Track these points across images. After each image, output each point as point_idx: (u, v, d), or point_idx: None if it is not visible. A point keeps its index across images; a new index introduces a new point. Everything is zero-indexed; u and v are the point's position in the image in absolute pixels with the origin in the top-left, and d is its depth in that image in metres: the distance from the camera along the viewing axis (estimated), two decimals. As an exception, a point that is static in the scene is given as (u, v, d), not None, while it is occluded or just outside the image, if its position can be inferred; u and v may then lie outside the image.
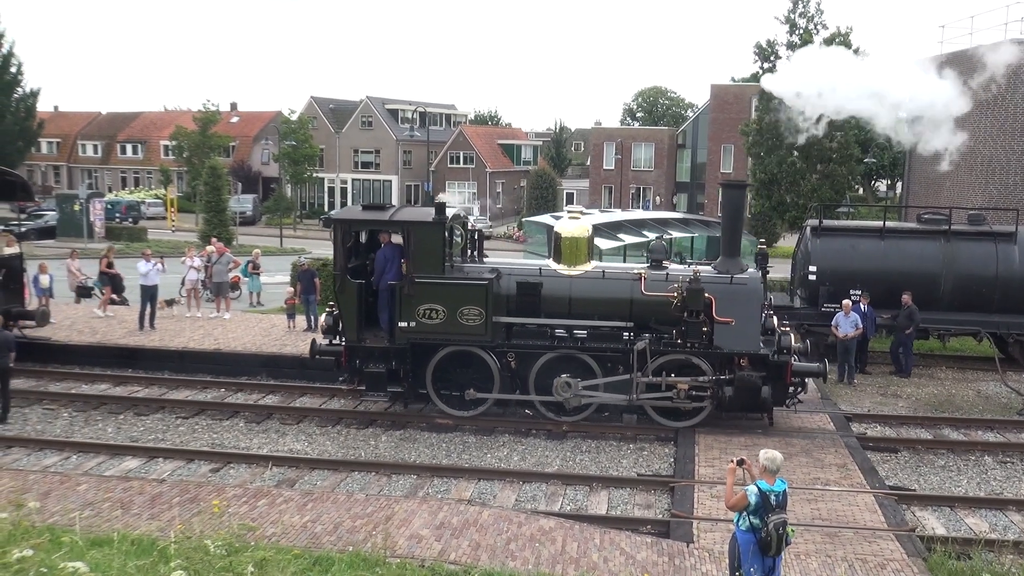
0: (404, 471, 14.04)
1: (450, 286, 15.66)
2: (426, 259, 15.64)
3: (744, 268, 16.37)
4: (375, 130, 79.28)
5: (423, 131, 71.20)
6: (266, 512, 11.25)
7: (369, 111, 79.59)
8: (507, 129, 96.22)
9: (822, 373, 16.14)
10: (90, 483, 12.28)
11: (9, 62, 68.01)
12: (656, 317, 15.92)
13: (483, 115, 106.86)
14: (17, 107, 68.66)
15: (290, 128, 71.25)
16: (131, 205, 66.75)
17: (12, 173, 21.05)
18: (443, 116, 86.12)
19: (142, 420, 16.52)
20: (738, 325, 15.55)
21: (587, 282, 16.20)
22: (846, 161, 41.43)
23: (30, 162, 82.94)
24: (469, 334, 15.70)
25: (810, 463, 14.10)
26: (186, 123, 72.34)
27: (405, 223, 15.95)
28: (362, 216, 17.02)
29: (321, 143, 76.20)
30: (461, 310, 15.57)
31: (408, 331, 15.75)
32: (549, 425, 16.11)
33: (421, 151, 75.41)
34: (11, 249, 21.13)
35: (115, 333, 21.62)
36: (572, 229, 16.56)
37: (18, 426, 16.03)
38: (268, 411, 16.95)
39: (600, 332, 15.97)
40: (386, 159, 79.26)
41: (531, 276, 16.25)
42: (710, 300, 15.54)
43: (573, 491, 13.41)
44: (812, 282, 21.01)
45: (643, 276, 16.06)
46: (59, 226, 53.27)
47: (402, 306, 15.70)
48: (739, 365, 15.49)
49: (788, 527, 8.36)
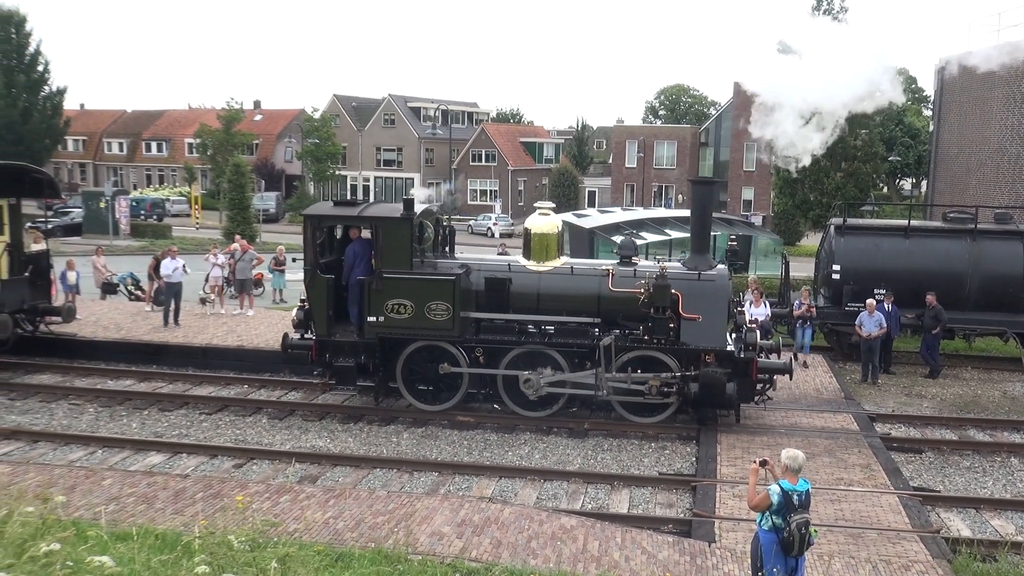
0: (426, 468, 14.07)
1: (418, 281, 15.77)
2: (394, 254, 15.76)
3: (713, 265, 16.42)
4: (397, 128, 79.50)
5: (445, 129, 71.39)
6: (289, 508, 11.31)
7: (392, 109, 79.81)
8: (529, 127, 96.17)
9: (788, 370, 16.21)
10: (115, 478, 12.39)
11: (36, 61, 68.79)
12: (624, 313, 16.02)
13: (505, 113, 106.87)
14: (44, 105, 69.42)
15: (313, 126, 71.62)
16: (156, 202, 67.26)
17: (39, 171, 21.25)
18: (465, 114, 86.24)
19: (166, 416, 16.66)
20: (705, 321, 15.62)
21: (555, 278, 16.33)
22: (870, 159, 41.17)
23: (57, 160, 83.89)
24: (436, 329, 15.81)
25: (833, 463, 14.01)
26: (210, 121, 72.84)
27: (373, 219, 16.10)
28: (332, 212, 17.30)
29: (344, 141, 76.54)
30: (428, 305, 15.68)
31: (377, 326, 15.89)
32: (571, 423, 16.11)
33: (443, 149, 75.58)
34: (38, 246, 21.35)
35: (140, 330, 21.79)
36: (541, 225, 16.75)
37: (44, 421, 16.20)
38: (291, 407, 17.04)
39: (568, 328, 16.05)
40: (408, 157, 79.46)
41: (499, 272, 16.42)
42: (677, 296, 15.60)
43: (594, 489, 13.40)
44: (836, 281, 20.86)
45: (611, 272, 16.15)
46: (85, 223, 53.77)
47: (371, 301, 15.84)
48: (705, 361, 15.51)
49: (811, 527, 8.30)
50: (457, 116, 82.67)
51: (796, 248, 47.58)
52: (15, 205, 19.99)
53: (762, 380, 15.98)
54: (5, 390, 17.84)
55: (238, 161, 57.01)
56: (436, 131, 69.31)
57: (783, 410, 16.91)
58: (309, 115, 74.22)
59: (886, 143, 53.98)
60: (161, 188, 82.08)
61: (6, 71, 66.78)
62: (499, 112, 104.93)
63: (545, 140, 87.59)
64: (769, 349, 16.63)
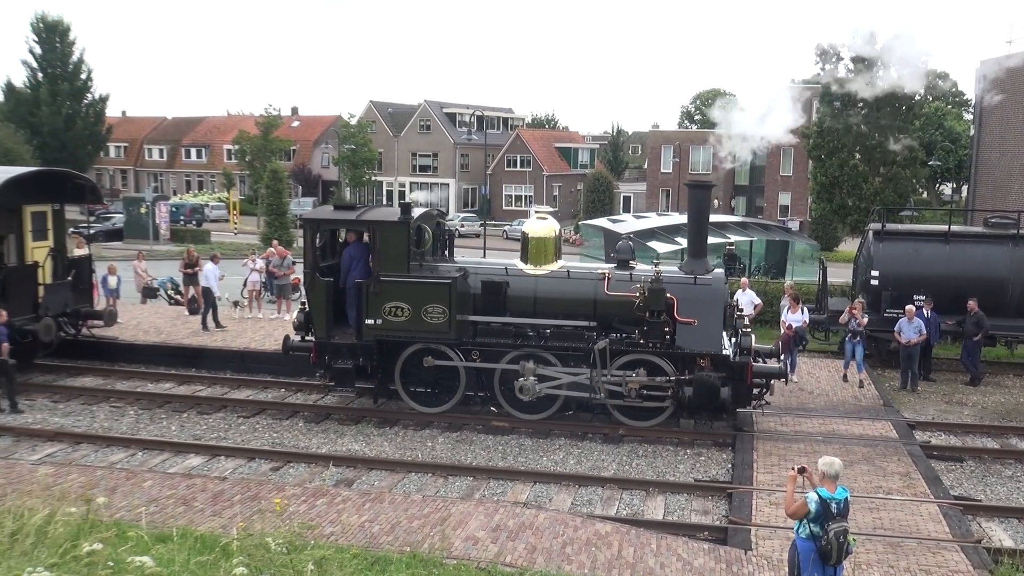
0: (460, 473, 14.11)
1: (414, 284, 15.89)
2: (391, 258, 15.92)
3: (710, 269, 16.40)
4: (433, 134, 79.85)
5: (480, 134, 71.44)
6: (325, 511, 11.39)
7: (427, 115, 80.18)
8: (564, 132, 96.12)
9: (782, 375, 16.16)
10: (155, 479, 12.56)
11: (80, 69, 70.05)
12: (619, 317, 16.05)
13: (540, 118, 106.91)
14: (87, 112, 70.60)
15: (349, 132, 72.11)
16: (195, 208, 68.10)
17: (82, 177, 21.63)
18: (500, 119, 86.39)
19: (205, 419, 16.85)
20: (700, 325, 15.59)
21: (552, 281, 16.41)
22: (910, 164, 40.68)
23: (99, 166, 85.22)
24: (433, 331, 15.91)
25: (872, 471, 13.85)
26: (248, 128, 73.59)
27: (370, 222, 16.28)
28: (331, 216, 17.52)
29: (380, 147, 76.97)
30: (425, 308, 15.78)
31: (374, 328, 16.03)
32: (606, 429, 16.09)
33: (478, 154, 75.71)
34: (81, 251, 21.72)
35: (179, 333, 22.08)
36: (539, 230, 16.83)
37: (87, 423, 16.47)
38: (327, 411, 17.17)
39: (563, 331, 16.11)
40: (444, 162, 79.76)
41: (496, 275, 16.51)
42: (672, 300, 15.58)
43: (629, 495, 13.35)
44: (874, 287, 20.63)
45: (607, 276, 16.18)
46: (126, 228, 54.61)
47: (368, 303, 15.99)
48: (699, 365, 15.49)
49: (849, 536, 8.23)
50: (492, 122, 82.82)
51: (834, 254, 47.12)
52: (59, 211, 20.34)
53: (758, 384, 16.00)
54: (49, 392, 18.16)
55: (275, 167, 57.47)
56: (471, 137, 69.42)
57: (821, 417, 16.75)
58: (346, 121, 74.72)
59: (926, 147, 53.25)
60: (200, 194, 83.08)
61: (51, 79, 68.07)
62: (534, 117, 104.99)
63: (580, 145, 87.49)
64: (767, 354, 16.68)
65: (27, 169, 21.39)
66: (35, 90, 67.87)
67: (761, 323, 23.69)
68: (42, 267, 19.40)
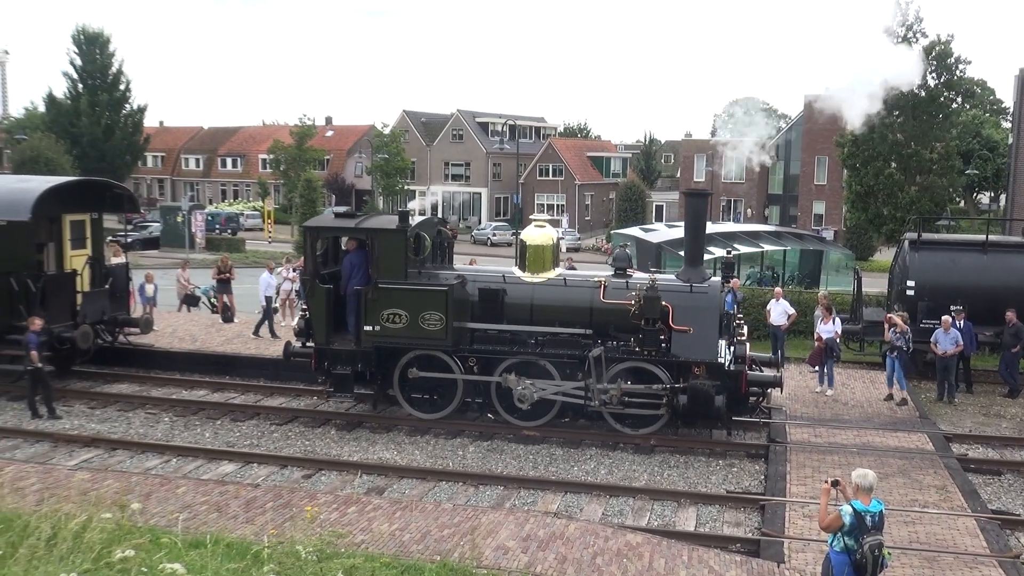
0: (491, 482, 14.11)
1: (412, 291, 16.03)
2: (389, 265, 16.07)
3: (706, 277, 16.41)
4: (465, 143, 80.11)
5: (513, 144, 71.53)
6: (356, 519, 11.43)
7: (460, 124, 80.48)
8: (596, 141, 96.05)
9: (777, 383, 16.07)
10: (189, 486, 12.66)
11: (119, 80, 71.14)
12: (615, 324, 16.08)
13: (572, 127, 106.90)
14: (125, 123, 71.65)
15: (383, 141, 72.58)
16: (230, 216, 68.81)
17: (120, 186, 21.95)
18: (533, 129, 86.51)
19: (238, 426, 17.00)
20: (696, 334, 15.58)
21: (549, 289, 16.50)
22: (947, 172, 40.17)
23: (136, 175, 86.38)
24: (430, 338, 16.03)
25: (907, 484, 13.66)
26: (283, 137, 74.33)
27: (369, 230, 16.45)
28: (330, 223, 17.68)
29: (413, 156, 77.37)
30: (422, 315, 15.91)
31: (373, 335, 16.17)
32: (637, 439, 16.03)
33: (511, 163, 75.82)
34: (118, 259, 22.02)
35: (214, 341, 22.29)
36: (537, 237, 16.93)
37: (122, 429, 16.67)
38: (359, 419, 17.24)
39: (559, 338, 16.17)
40: (476, 171, 79.98)
41: (494, 283, 16.60)
42: (667, 308, 15.57)
43: (661, 506, 13.28)
44: (910, 297, 20.38)
45: (603, 284, 16.21)
46: (162, 237, 55.32)
47: (367, 310, 16.13)
48: (695, 373, 15.45)
49: (884, 549, 8.12)
50: (525, 131, 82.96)
51: (869, 263, 46.62)
52: (97, 219, 20.64)
53: (755, 393, 15.98)
54: (86, 399, 18.41)
55: (310, 176, 58.05)
56: (504, 146, 69.50)
57: (855, 429, 16.56)
58: (379, 131, 75.22)
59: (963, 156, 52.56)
60: (235, 203, 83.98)
61: (91, 90, 69.20)
62: (566, 127, 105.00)
63: (612, 154, 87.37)
64: (765, 362, 16.61)
65: (66, 179, 21.72)
66: (75, 101, 69.02)
67: (795, 333, 23.51)
68: (80, 275, 19.67)
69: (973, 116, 67.94)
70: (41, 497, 10.89)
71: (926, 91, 40.35)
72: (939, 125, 40.72)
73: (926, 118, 40.21)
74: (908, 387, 19.24)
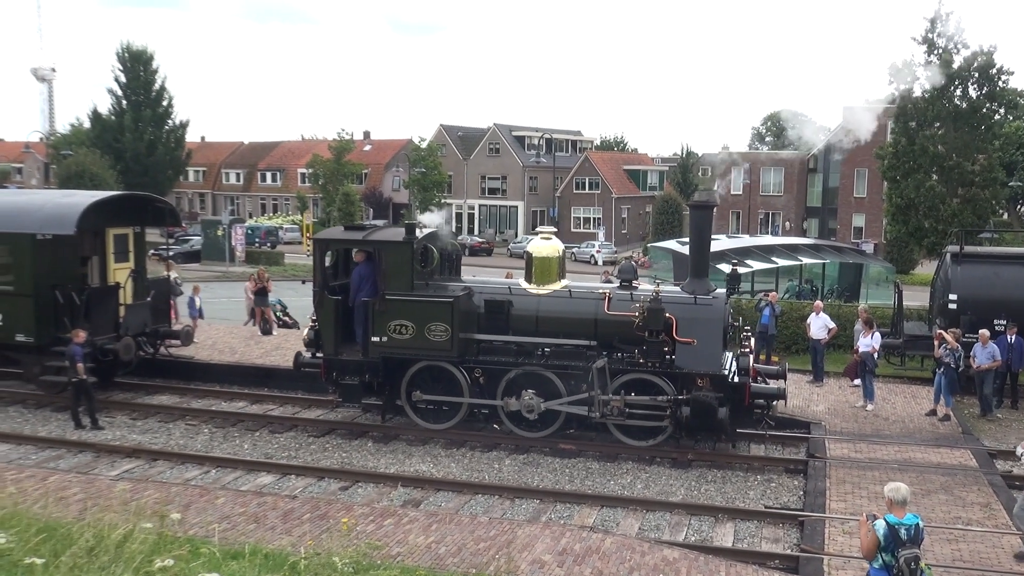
0: (527, 495, 14.09)
1: (418, 303, 16.18)
2: (396, 277, 16.24)
3: (711, 289, 16.36)
4: (502, 156, 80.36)
5: (549, 157, 71.77)
6: (392, 531, 11.47)
7: (496, 138, 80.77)
8: (633, 155, 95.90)
9: (781, 395, 15.99)
10: (227, 497, 12.79)
11: (161, 96, 72.26)
12: (619, 336, 16.10)
13: (609, 141, 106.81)
14: (168, 138, 72.72)
15: (420, 155, 73.04)
16: (270, 230, 69.56)
17: (162, 200, 22.30)
18: (569, 142, 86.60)
19: (276, 437, 17.14)
20: (700, 346, 15.54)
21: (554, 301, 16.60)
22: (989, 184, 39.50)
23: (178, 190, 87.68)
24: (436, 349, 16.16)
25: (950, 501, 13.43)
26: (322, 152, 75.08)
27: (376, 242, 16.66)
28: (338, 236, 18.20)
29: (450, 170, 77.78)
30: (428, 326, 16.04)
31: (380, 346, 16.34)
32: (674, 453, 15.95)
33: (547, 177, 75.97)
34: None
35: (253, 353, 22.51)
36: (543, 249, 17.06)
37: (163, 440, 16.88)
38: (395, 432, 17.31)
39: (564, 350, 16.25)
40: (513, 185, 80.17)
41: (499, 294, 16.73)
42: (671, 320, 15.54)
43: (698, 521, 13.17)
44: (953, 311, 20.08)
45: (607, 296, 16.24)
46: (203, 250, 56.01)
47: (374, 322, 16.30)
48: (698, 385, 15.39)
49: (922, 563, 7.98)
50: (561, 144, 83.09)
51: (910, 277, 46.04)
52: (139, 233, 20.97)
53: (759, 405, 15.92)
54: (128, 410, 18.67)
55: (348, 190, 58.52)
56: (540, 159, 69.74)
57: (896, 444, 16.33)
58: (416, 145, 75.72)
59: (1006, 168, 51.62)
60: (275, 216, 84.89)
61: (134, 106, 70.35)
62: (603, 140, 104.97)
63: (649, 167, 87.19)
64: (771, 374, 16.56)
65: (110, 193, 22.11)
66: (119, 117, 70.20)
67: (834, 347, 23.25)
68: (123, 288, 19.99)
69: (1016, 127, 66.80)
70: (84, 507, 11.06)
71: (967, 102, 39.76)
72: (982, 137, 40.06)
73: (968, 130, 39.58)
74: (952, 403, 18.95)
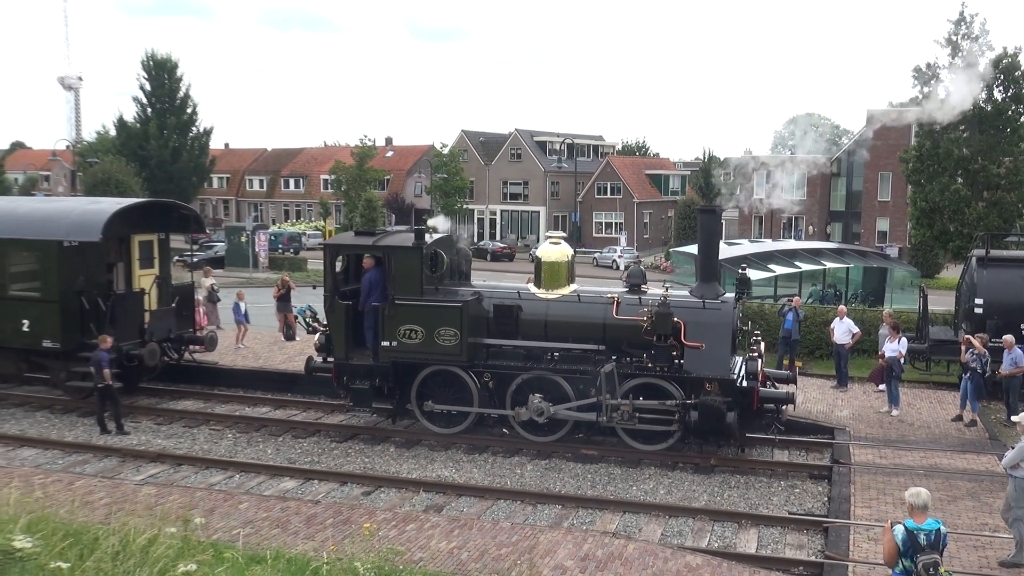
0: (549, 501, 14.07)
1: (427, 308, 16.27)
2: (405, 282, 16.34)
3: (720, 294, 16.34)
4: (523, 162, 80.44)
5: (571, 162, 71.70)
6: (414, 537, 11.49)
7: (518, 143, 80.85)
8: (654, 159, 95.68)
9: (790, 400, 15.90)
10: (251, 501, 12.87)
11: (186, 104, 72.96)
12: (628, 340, 16.11)
13: (630, 145, 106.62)
14: (192, 145, 73.42)
15: (442, 161, 73.25)
16: (293, 236, 69.91)
17: (186, 207, 22.47)
18: (590, 147, 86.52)
19: (299, 443, 17.21)
20: (708, 350, 15.54)
21: (563, 305, 16.63)
22: (1016, 187, 39.12)
23: (203, 196, 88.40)
24: (446, 354, 16.25)
25: (977, 507, 13.29)
26: (344, 158, 75.40)
27: (385, 248, 16.76)
28: (348, 241, 18.37)
29: (471, 175, 77.93)
30: (438, 331, 16.14)
31: (390, 350, 16.44)
32: (697, 459, 15.89)
33: (569, 182, 75.90)
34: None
35: (276, 359, 22.64)
36: (552, 254, 17.08)
37: (187, 445, 16.99)
38: (417, 437, 17.34)
39: (572, 354, 16.28)
40: (534, 190, 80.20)
41: (508, 299, 16.77)
42: (680, 324, 15.52)
43: (721, 527, 13.11)
44: (978, 315, 19.87)
45: (616, 300, 16.24)
46: (227, 256, 56.37)
47: (384, 326, 16.40)
48: (707, 390, 15.37)
49: (942, 569, 7.89)
50: (582, 149, 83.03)
51: (935, 281, 45.60)
52: (164, 240, 21.14)
53: (769, 410, 15.83)
54: (152, 415, 18.83)
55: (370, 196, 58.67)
56: (562, 164, 69.65)
57: (922, 450, 16.18)
58: (438, 150, 75.95)
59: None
60: (298, 223, 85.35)
61: (159, 114, 71.09)
62: (624, 144, 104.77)
63: (671, 172, 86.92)
64: (780, 379, 16.53)
65: (135, 200, 22.30)
66: (144, 124, 70.93)
67: (859, 352, 23.07)
68: (148, 294, 20.15)
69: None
70: (109, 511, 11.17)
71: (992, 105, 39.44)
72: (1007, 139, 39.73)
73: (993, 132, 39.29)
74: (979, 408, 18.75)
